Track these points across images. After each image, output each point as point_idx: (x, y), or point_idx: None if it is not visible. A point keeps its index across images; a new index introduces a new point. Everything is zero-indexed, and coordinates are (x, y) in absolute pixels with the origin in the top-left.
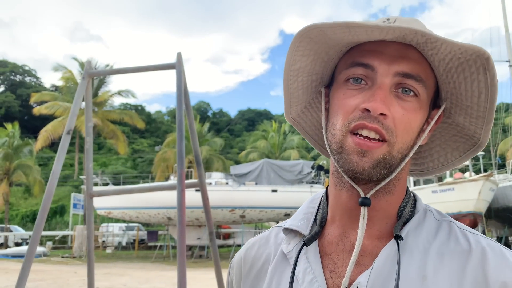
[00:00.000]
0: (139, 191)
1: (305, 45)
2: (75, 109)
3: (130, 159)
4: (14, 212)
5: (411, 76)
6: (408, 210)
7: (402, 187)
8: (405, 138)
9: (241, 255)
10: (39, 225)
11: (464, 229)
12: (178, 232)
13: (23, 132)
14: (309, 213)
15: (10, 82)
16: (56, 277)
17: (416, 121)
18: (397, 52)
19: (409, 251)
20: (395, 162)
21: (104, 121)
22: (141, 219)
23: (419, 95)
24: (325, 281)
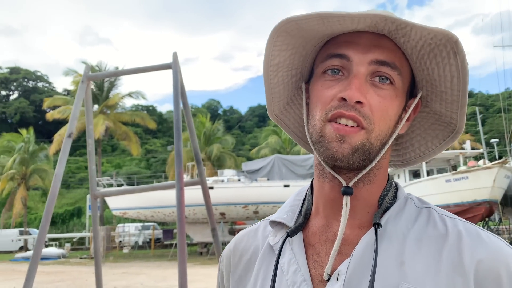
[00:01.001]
0: (141, 190)
1: (282, 39)
2: (75, 113)
3: (143, 160)
4: (33, 216)
5: (386, 63)
6: (389, 199)
7: (382, 176)
8: (383, 125)
9: (230, 247)
10: (44, 227)
11: (443, 214)
12: (178, 229)
13: (38, 137)
14: (294, 205)
15: (24, 88)
16: (75, 278)
17: (393, 109)
18: (371, 41)
19: (388, 238)
20: (374, 149)
21: (116, 123)
22: (156, 218)
23: (394, 82)
24: (308, 270)
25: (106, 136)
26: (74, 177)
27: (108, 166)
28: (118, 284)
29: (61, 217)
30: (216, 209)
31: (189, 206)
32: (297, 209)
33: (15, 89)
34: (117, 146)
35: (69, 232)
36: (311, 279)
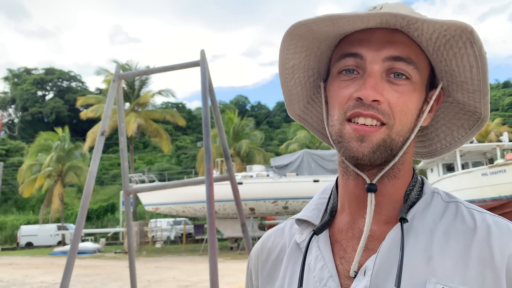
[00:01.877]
0: (172, 186)
1: (295, 42)
2: (108, 111)
3: (174, 156)
4: (69, 212)
5: (401, 58)
6: (415, 194)
7: (407, 171)
8: (404, 120)
9: (258, 246)
10: (80, 222)
11: (472, 208)
12: (208, 224)
13: (73, 135)
14: (320, 203)
15: (58, 88)
16: (110, 272)
17: (413, 103)
18: (384, 37)
19: (415, 233)
20: (396, 145)
21: (147, 121)
22: (187, 213)
23: (411, 77)
24: (335, 267)
25: (138, 133)
26: (108, 174)
27: (140, 162)
28: (151, 278)
29: (96, 213)
30: (245, 204)
31: (219, 202)
32: (323, 207)
33: (50, 89)
34: (148, 143)
35: (104, 227)
36: (337, 275)
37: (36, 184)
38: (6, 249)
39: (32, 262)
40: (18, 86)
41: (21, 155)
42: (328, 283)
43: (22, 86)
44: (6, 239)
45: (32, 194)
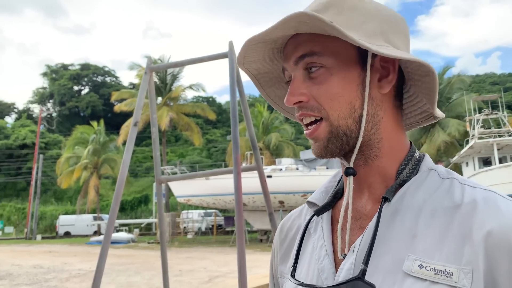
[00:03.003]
0: (202, 175)
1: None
2: (140, 103)
3: (205, 149)
4: (105, 203)
5: (304, 55)
6: (407, 172)
7: (392, 148)
8: (335, 105)
9: (280, 226)
10: (114, 209)
11: (466, 184)
12: (236, 213)
13: (108, 129)
14: (329, 186)
15: (93, 83)
16: (144, 261)
17: (335, 86)
18: (292, 45)
19: (403, 212)
20: (348, 127)
21: (179, 115)
22: (218, 205)
23: (324, 65)
24: (331, 245)
25: (170, 127)
26: (141, 166)
27: (172, 155)
28: (183, 268)
29: (130, 204)
30: (274, 197)
31: (248, 194)
32: (332, 190)
33: (86, 84)
34: (180, 136)
35: (138, 218)
36: (333, 253)
37: (74, 176)
38: (46, 237)
39: (70, 250)
40: (56, 81)
41: (59, 148)
42: (324, 261)
43: (59, 81)
44: (46, 228)
45: (69, 185)
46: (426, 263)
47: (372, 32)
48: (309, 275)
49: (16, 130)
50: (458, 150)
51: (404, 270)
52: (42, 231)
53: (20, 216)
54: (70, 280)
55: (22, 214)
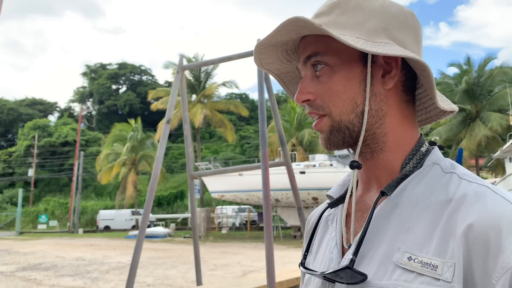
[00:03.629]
0: (232, 171)
1: (264, 56)
2: (172, 101)
3: (238, 145)
4: (142, 198)
5: (310, 56)
6: (410, 166)
7: (397, 142)
8: (337, 102)
9: (307, 219)
10: (149, 203)
11: (465, 178)
12: (264, 206)
13: (145, 126)
14: (347, 180)
15: (131, 82)
16: (180, 255)
17: (337, 83)
18: (302, 47)
19: (401, 205)
20: (350, 122)
21: (212, 112)
22: (251, 201)
23: (328, 63)
24: (341, 236)
25: (204, 124)
26: (177, 163)
27: (206, 152)
28: (218, 263)
29: (166, 199)
30: (308, 193)
31: (281, 190)
32: (348, 184)
33: (123, 83)
34: (214, 133)
35: (174, 213)
36: (341, 243)
37: (113, 172)
38: (87, 231)
39: (109, 244)
40: (95, 80)
41: (98, 145)
42: (333, 251)
43: (98, 80)
44: (87, 222)
45: (109, 181)
46: (414, 256)
47: (373, 29)
48: (322, 263)
49: (58, 128)
50: (501, 145)
51: (394, 261)
52: (83, 225)
53: (63, 211)
54: (110, 272)
55: (65, 208)
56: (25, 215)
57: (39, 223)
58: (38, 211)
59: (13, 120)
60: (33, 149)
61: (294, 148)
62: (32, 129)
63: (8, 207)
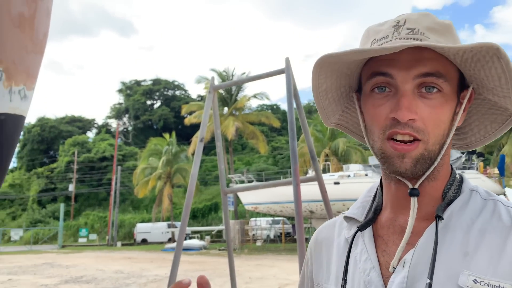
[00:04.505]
0: (263, 187)
1: (325, 69)
2: (205, 120)
3: (270, 157)
4: (178, 211)
5: (431, 74)
6: (452, 192)
7: (445, 171)
8: (437, 132)
9: (314, 236)
10: (184, 220)
11: (510, 206)
12: (297, 223)
13: (179, 140)
14: (365, 201)
15: (165, 97)
16: (215, 268)
17: (445, 114)
18: (412, 56)
19: (452, 230)
20: (434, 153)
21: (244, 124)
22: (285, 213)
23: (442, 89)
24: (377, 259)
25: (236, 136)
26: (211, 175)
27: (239, 164)
28: (253, 275)
29: (201, 212)
30: (343, 204)
31: (315, 202)
32: (368, 205)
33: (157, 98)
34: (246, 144)
35: (208, 225)
36: (379, 266)
37: (149, 185)
38: (125, 244)
39: (147, 256)
40: (130, 97)
41: (135, 159)
42: (370, 273)
43: (133, 97)
44: (125, 235)
45: (145, 194)
46: (480, 279)
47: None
48: (354, 287)
49: (96, 144)
50: None
51: (459, 284)
52: (121, 238)
53: (102, 224)
54: (147, 285)
55: (103, 222)
56: (66, 229)
57: (79, 237)
58: (79, 225)
59: (54, 138)
60: (73, 164)
61: (327, 158)
62: (72, 146)
63: (51, 221)
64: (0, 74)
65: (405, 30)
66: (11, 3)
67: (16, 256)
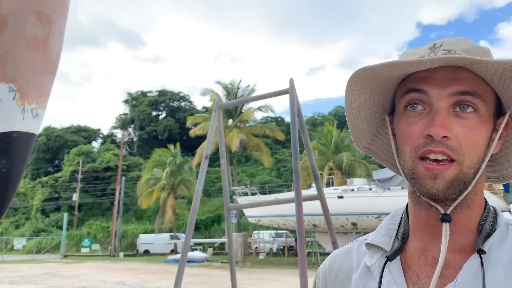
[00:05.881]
0: (266, 204)
1: (360, 84)
2: (210, 137)
3: (274, 169)
4: (181, 222)
5: (467, 92)
6: (489, 224)
7: (479, 201)
8: (473, 154)
9: (326, 265)
10: (188, 236)
11: None
12: (298, 240)
13: (183, 151)
14: (390, 229)
15: (170, 108)
16: (217, 281)
17: (481, 136)
18: (448, 74)
19: (493, 265)
20: (469, 177)
21: (248, 136)
22: (288, 226)
23: (478, 110)
24: None
25: (240, 148)
26: (214, 186)
27: (243, 175)
28: None
29: (203, 224)
30: (347, 218)
31: (319, 216)
32: (393, 233)
33: (163, 109)
34: (250, 156)
35: (211, 237)
36: None
37: (153, 196)
38: (128, 255)
39: (149, 268)
40: (136, 107)
41: (139, 170)
42: None
43: (139, 107)
44: (127, 246)
45: (149, 205)
46: None
47: None
48: None
49: (101, 154)
50: None
51: None
52: (124, 249)
53: (105, 234)
54: None
55: (106, 232)
56: (69, 239)
57: (82, 247)
58: (82, 235)
59: (59, 147)
60: (78, 174)
61: (331, 172)
62: (77, 155)
63: (54, 231)
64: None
65: (441, 51)
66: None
67: (19, 265)
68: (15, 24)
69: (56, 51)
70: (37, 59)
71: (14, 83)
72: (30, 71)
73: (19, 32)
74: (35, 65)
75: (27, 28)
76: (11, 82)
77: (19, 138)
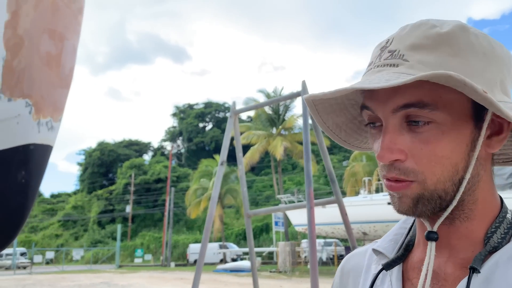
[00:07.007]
0: (277, 211)
1: (321, 106)
2: (226, 144)
3: (322, 176)
4: (229, 231)
5: (410, 105)
6: (498, 237)
7: (485, 209)
8: (437, 169)
9: (342, 265)
10: (204, 244)
11: None
12: (310, 246)
13: (229, 161)
14: (399, 234)
15: (216, 120)
16: None
17: (443, 148)
18: (390, 88)
19: (497, 285)
20: (444, 191)
21: (293, 143)
22: (337, 234)
23: (434, 120)
24: None
25: (284, 156)
26: (261, 195)
27: (290, 183)
28: None
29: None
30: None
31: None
32: (401, 239)
33: (209, 120)
34: (297, 164)
35: (259, 246)
36: None
37: (201, 206)
38: (179, 265)
39: None
40: (184, 120)
41: (188, 180)
42: None
43: (187, 120)
44: (178, 256)
45: (197, 215)
46: None
47: (493, 81)
48: None
49: (152, 166)
50: None
51: None
52: (175, 259)
53: (157, 245)
54: None
55: (158, 242)
56: (123, 249)
57: (135, 257)
58: (135, 245)
59: (113, 161)
60: (130, 186)
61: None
62: (129, 168)
63: (110, 242)
64: (30, 108)
65: (386, 53)
66: (40, 43)
67: (77, 275)
68: (30, 42)
69: (69, 66)
70: (51, 75)
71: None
72: (44, 86)
73: (34, 50)
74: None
75: (41, 45)
76: (28, 97)
77: (36, 150)
